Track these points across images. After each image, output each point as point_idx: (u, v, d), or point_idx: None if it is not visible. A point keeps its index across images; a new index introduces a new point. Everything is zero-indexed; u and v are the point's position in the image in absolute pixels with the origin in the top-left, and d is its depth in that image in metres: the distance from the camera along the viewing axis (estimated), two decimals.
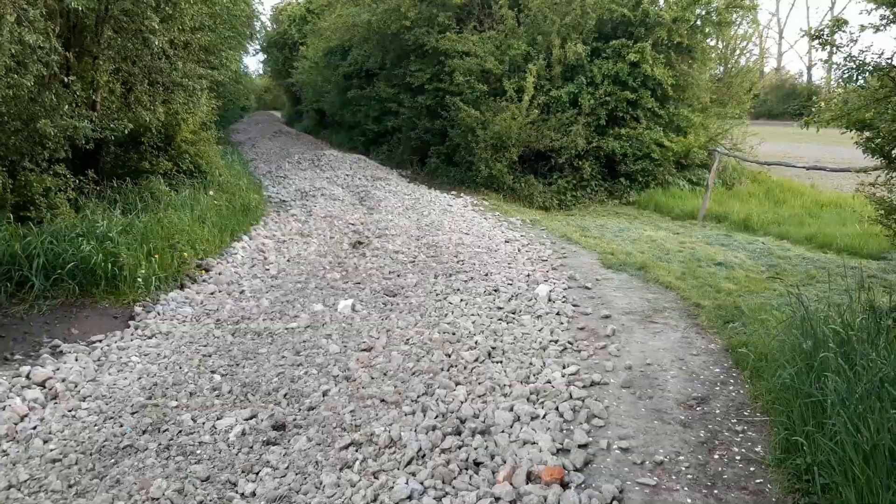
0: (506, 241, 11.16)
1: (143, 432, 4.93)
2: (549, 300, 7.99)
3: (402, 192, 16.25)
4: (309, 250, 10.35)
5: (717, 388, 5.64)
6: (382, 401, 5.25)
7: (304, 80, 37.31)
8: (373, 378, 5.69)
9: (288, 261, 9.80)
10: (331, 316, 7.37)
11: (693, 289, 8.60)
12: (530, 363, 6.04)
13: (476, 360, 6.07)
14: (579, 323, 7.29)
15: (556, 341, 6.62)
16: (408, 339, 6.60)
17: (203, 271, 9.03)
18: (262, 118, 54.22)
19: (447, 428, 4.73)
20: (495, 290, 8.33)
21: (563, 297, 8.17)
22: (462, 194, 16.79)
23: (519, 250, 10.64)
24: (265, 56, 58.01)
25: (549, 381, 5.63)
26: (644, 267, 9.60)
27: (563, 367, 5.95)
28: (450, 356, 6.14)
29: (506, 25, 18.29)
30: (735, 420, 5.08)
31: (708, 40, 18.92)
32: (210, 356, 6.29)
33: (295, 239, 11.06)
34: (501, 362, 6.09)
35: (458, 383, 5.56)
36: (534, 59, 17.29)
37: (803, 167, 13.23)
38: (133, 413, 5.20)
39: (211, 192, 11.49)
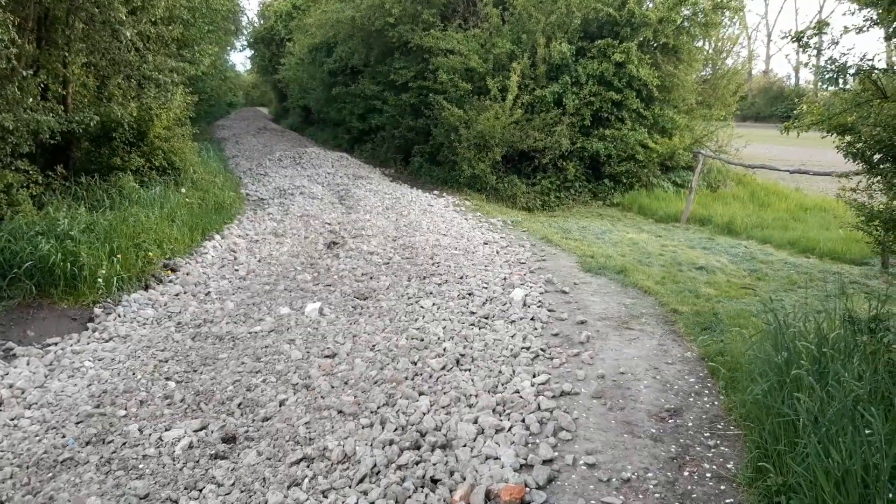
0: (484, 243, 10.94)
1: (87, 443, 4.68)
2: (524, 305, 7.78)
3: (383, 192, 16.00)
4: (281, 250, 10.10)
5: (691, 400, 5.44)
6: (340, 412, 5.01)
7: (289, 77, 37.03)
8: (333, 387, 5.45)
9: (259, 261, 9.55)
10: (297, 320, 7.12)
11: (672, 294, 8.41)
12: (499, 371, 5.82)
13: (443, 367, 5.84)
14: (553, 329, 7.08)
15: (528, 348, 6.41)
16: (374, 346, 6.36)
17: (170, 271, 8.77)
18: (248, 114, 53.98)
19: (405, 442, 4.50)
20: (469, 294, 8.11)
21: (539, 301, 7.95)
22: (444, 194, 16.56)
23: (497, 252, 10.43)
24: (252, 52, 57.84)
25: (517, 391, 5.42)
26: (624, 271, 9.40)
27: (534, 376, 5.74)
28: (416, 364, 5.91)
29: (490, 23, 18.07)
30: (708, 434, 4.88)
31: (694, 41, 18.74)
32: (166, 362, 6.04)
33: (268, 238, 10.80)
34: (470, 370, 5.87)
35: (421, 393, 5.33)
36: (518, 57, 17.07)
37: (787, 170, 13.05)
38: (78, 423, 4.95)
39: (183, 190, 11.22)
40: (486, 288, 8.39)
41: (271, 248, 10.24)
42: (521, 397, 5.30)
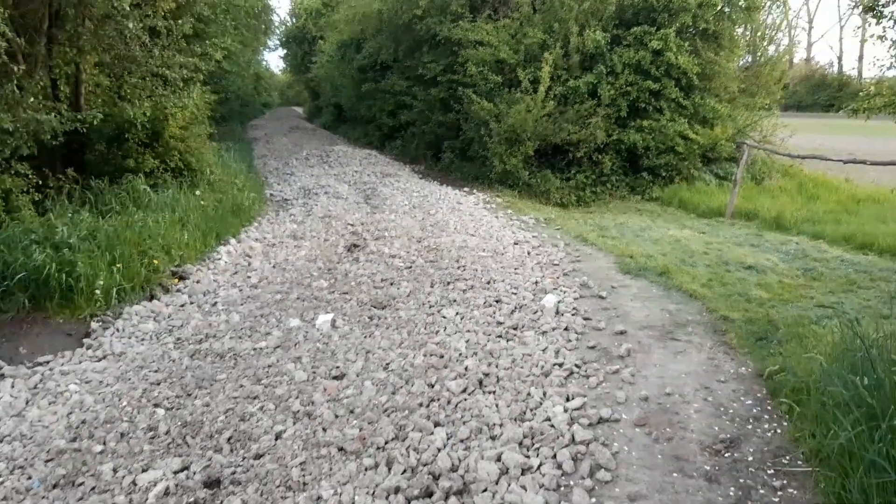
0: (515, 243, 10.24)
1: (54, 486, 4.09)
2: (557, 313, 7.09)
3: (411, 190, 15.37)
4: (298, 255, 9.49)
5: (749, 427, 4.72)
6: (341, 449, 4.35)
7: (321, 75, 36.72)
8: (337, 416, 4.80)
9: (274, 267, 8.94)
10: (306, 334, 6.49)
11: (720, 298, 7.66)
12: (528, 394, 5.14)
13: (464, 390, 5.17)
14: (589, 340, 6.38)
15: (560, 364, 5.72)
16: (388, 364, 5.70)
17: (177, 280, 8.20)
18: (283, 114, 53.87)
19: (414, 489, 3.83)
20: (497, 301, 7.43)
21: (574, 308, 7.25)
22: (475, 191, 15.88)
23: (528, 253, 9.73)
24: (285, 51, 57.64)
25: (548, 419, 4.74)
26: (666, 272, 8.66)
27: (567, 399, 5.06)
28: (433, 386, 5.24)
29: (521, 13, 17.34)
30: (772, 471, 4.16)
31: (736, 27, 17.84)
32: (158, 384, 5.44)
33: (286, 242, 10.20)
34: (494, 392, 5.19)
35: (437, 424, 4.66)
36: (550, 47, 16.32)
37: (840, 160, 12.16)
38: (48, 461, 4.37)
39: (198, 192, 10.67)
40: (515, 294, 7.70)
41: (288, 252, 9.64)
42: (552, 426, 4.62)
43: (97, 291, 7.04)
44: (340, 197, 14.16)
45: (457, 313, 7.00)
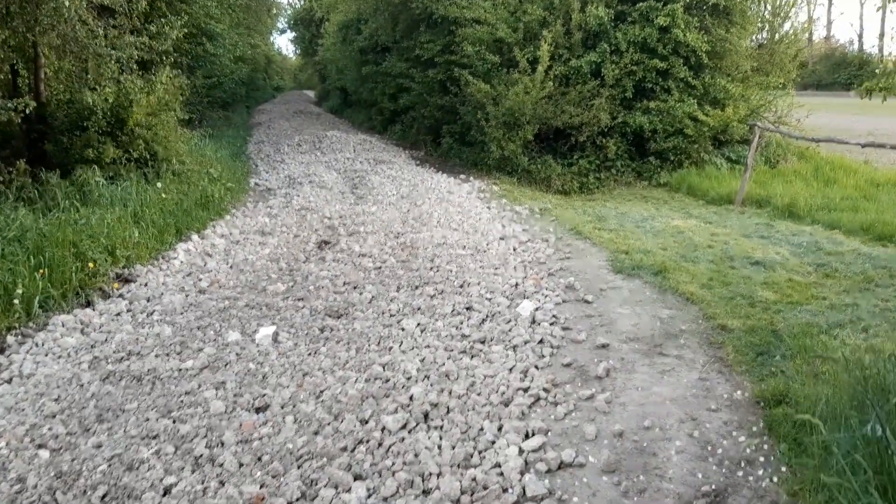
0: (501, 238, 9.40)
1: None
2: (533, 322, 6.27)
3: (402, 178, 14.55)
4: (262, 253, 8.71)
5: (740, 474, 3.90)
6: None
7: (326, 58, 36.03)
8: (241, 465, 4.00)
9: (231, 267, 8.16)
10: (241, 351, 5.68)
11: (720, 301, 6.82)
12: (480, 430, 4.33)
13: (403, 426, 4.35)
14: (565, 356, 5.56)
15: (526, 389, 4.91)
16: (322, 392, 4.88)
17: (118, 284, 7.44)
18: (293, 98, 53.24)
19: None
20: (467, 309, 6.61)
21: (553, 316, 6.43)
22: (472, 178, 15.04)
23: (514, 249, 8.91)
24: (294, 34, 56.92)
25: (497, 465, 3.94)
26: (663, 271, 7.81)
27: (526, 437, 4.26)
28: (365, 423, 4.42)
29: None
30: None
31: (748, 2, 16.82)
32: (54, 416, 4.66)
33: (251, 238, 9.42)
34: (440, 428, 4.38)
35: (357, 476, 3.83)
36: (551, 25, 15.39)
37: (858, 144, 11.23)
38: None
39: (159, 184, 9.89)
40: (489, 299, 6.89)
41: (251, 250, 8.85)
42: (500, 474, 3.83)
43: (16, 301, 6.28)
44: (325, 186, 13.37)
45: (418, 324, 6.19)
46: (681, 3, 14.65)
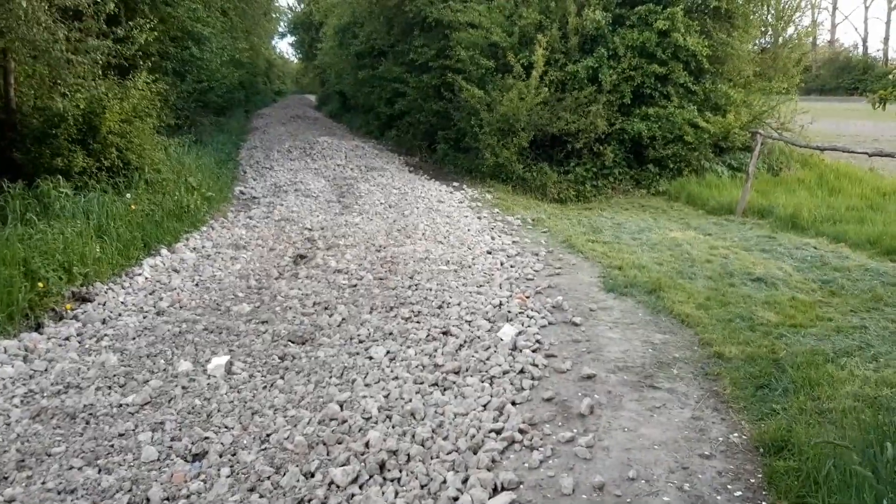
0: (488, 252, 8.93)
1: None
2: (514, 348, 5.79)
3: (392, 186, 14.06)
4: (232, 269, 8.22)
5: None
6: None
7: (325, 62, 35.68)
8: None
9: (196, 285, 7.67)
10: (187, 384, 5.17)
11: (718, 324, 6.34)
12: (442, 483, 3.85)
13: (354, 481, 3.84)
14: (546, 389, 5.08)
15: (499, 431, 4.42)
16: (269, 435, 4.40)
17: (73, 305, 6.93)
18: (293, 102, 52.76)
19: None
20: (444, 334, 6.13)
21: (537, 341, 5.96)
22: (464, 186, 14.58)
23: (501, 264, 8.43)
24: (293, 38, 56.65)
25: None
26: (657, 289, 7.34)
27: (494, 492, 3.77)
28: (311, 477, 3.92)
29: None
30: None
31: (750, 5, 16.33)
32: None
33: (224, 252, 8.93)
34: (396, 481, 3.89)
35: None
36: (547, 29, 14.91)
37: (865, 153, 10.72)
38: None
39: (128, 195, 9.40)
40: (469, 322, 6.40)
41: (221, 265, 8.36)
42: None
43: None
44: (310, 195, 12.88)
45: (387, 352, 5.71)
46: (681, 7, 14.20)
